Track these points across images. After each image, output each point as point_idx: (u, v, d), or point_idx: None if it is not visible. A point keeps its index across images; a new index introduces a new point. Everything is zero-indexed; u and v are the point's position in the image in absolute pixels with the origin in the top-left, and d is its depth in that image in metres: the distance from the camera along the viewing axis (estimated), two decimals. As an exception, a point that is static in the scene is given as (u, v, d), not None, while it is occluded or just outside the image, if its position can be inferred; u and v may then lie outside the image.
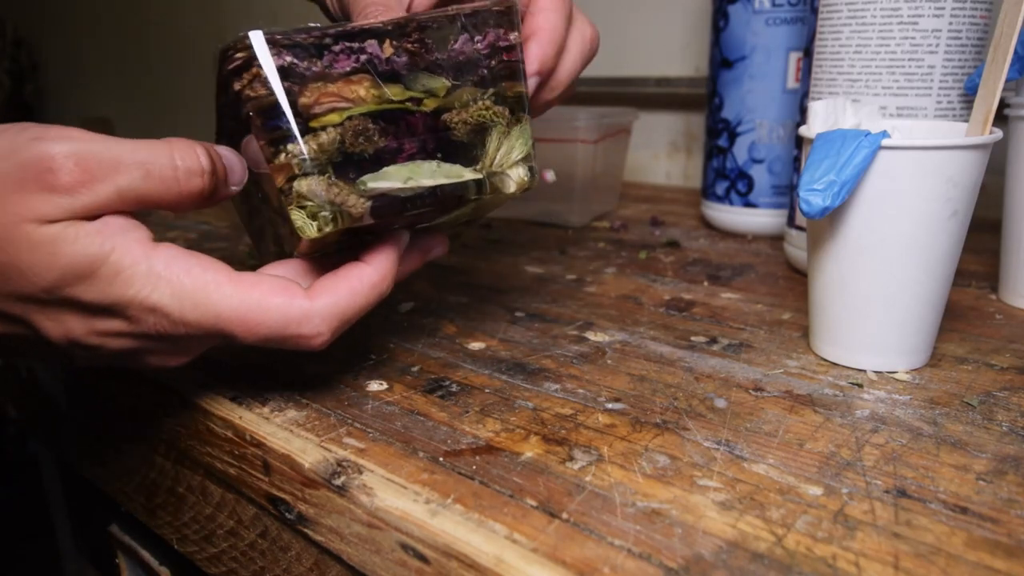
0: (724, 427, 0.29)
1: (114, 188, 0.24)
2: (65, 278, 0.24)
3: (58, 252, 0.24)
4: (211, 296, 0.25)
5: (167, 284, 0.25)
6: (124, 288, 0.25)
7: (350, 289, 0.28)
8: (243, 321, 0.26)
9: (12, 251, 0.24)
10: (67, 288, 0.24)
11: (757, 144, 0.58)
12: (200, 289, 0.25)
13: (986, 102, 0.32)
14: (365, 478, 0.26)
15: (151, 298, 0.25)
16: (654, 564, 0.21)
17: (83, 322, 0.25)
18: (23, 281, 0.24)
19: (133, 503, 0.42)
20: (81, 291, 0.24)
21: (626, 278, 0.49)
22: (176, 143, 0.26)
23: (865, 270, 0.32)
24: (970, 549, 0.22)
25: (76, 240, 0.24)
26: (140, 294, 0.25)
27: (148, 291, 0.25)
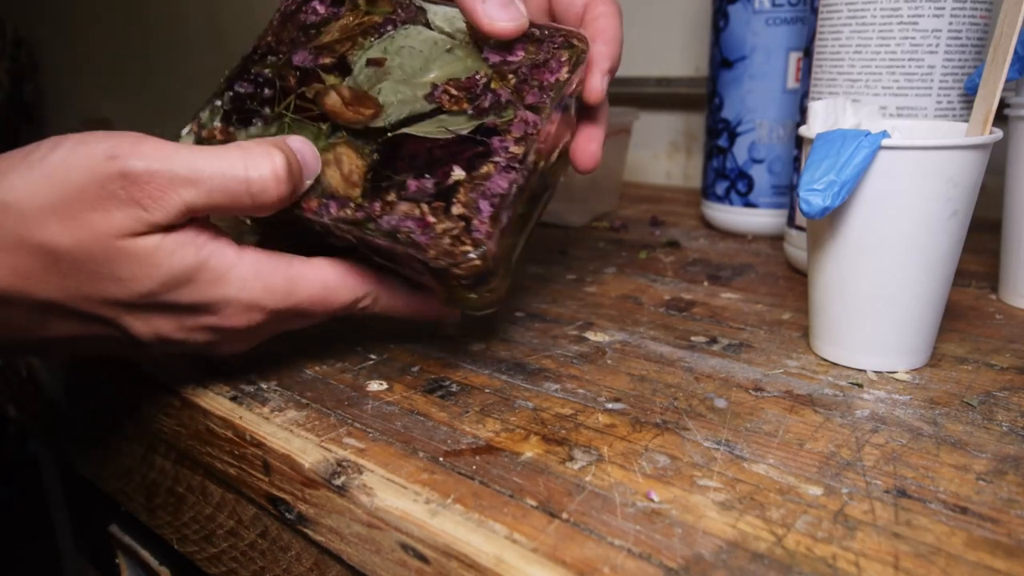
0: (724, 427, 0.29)
1: (188, 201, 0.26)
2: (166, 285, 0.26)
3: (160, 263, 0.26)
4: (299, 285, 0.29)
5: (261, 282, 0.28)
6: (225, 288, 0.27)
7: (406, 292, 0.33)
8: (324, 300, 0.30)
9: (108, 263, 0.25)
10: (166, 294, 0.26)
11: (757, 144, 0.58)
12: (291, 281, 0.29)
13: (986, 102, 0.32)
14: (365, 478, 0.26)
15: (249, 296, 0.28)
16: (654, 564, 0.21)
17: (174, 320, 0.28)
18: (120, 288, 0.26)
19: (133, 503, 0.42)
20: (181, 295, 0.27)
21: (626, 278, 0.49)
22: (252, 152, 0.27)
23: (865, 270, 0.32)
24: (970, 549, 0.22)
25: (175, 251, 0.26)
26: (240, 294, 0.27)
27: (246, 291, 0.28)
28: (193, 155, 0.26)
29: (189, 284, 0.27)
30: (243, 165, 0.26)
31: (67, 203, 0.24)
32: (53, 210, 0.24)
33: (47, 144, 0.25)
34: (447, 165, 0.30)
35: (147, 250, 0.25)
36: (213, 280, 0.27)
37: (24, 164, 0.25)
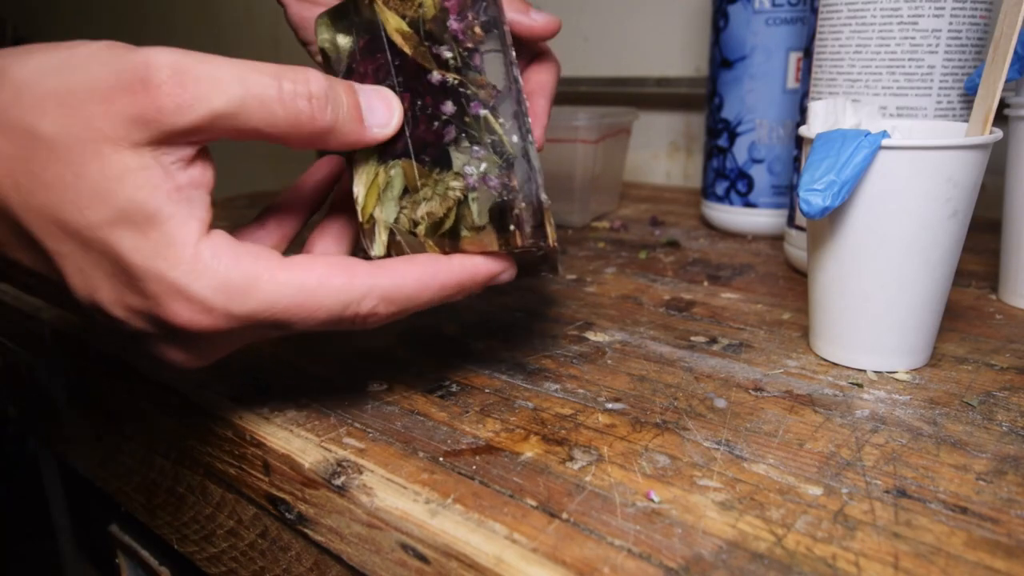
0: (724, 427, 0.29)
1: (208, 109, 0.22)
2: (115, 218, 0.22)
3: (122, 186, 0.22)
4: (264, 287, 0.23)
5: (211, 276, 0.23)
6: (165, 265, 0.22)
7: (419, 280, 0.26)
8: (301, 307, 0.24)
9: (77, 169, 0.22)
10: (112, 235, 0.22)
11: (757, 144, 0.58)
12: (252, 280, 0.23)
13: (986, 102, 0.32)
14: (365, 478, 0.26)
15: (191, 287, 0.22)
16: (654, 564, 0.21)
17: (113, 288, 0.23)
18: (71, 209, 0.22)
19: (133, 503, 0.42)
20: (125, 242, 0.22)
21: (626, 278, 0.49)
22: (289, 67, 0.24)
23: (865, 270, 0.32)
24: (970, 549, 0.22)
25: (143, 187, 0.22)
26: (181, 279, 0.22)
27: (191, 279, 0.22)
28: (223, 61, 0.23)
29: (136, 235, 0.22)
30: (278, 75, 0.23)
31: (73, 91, 0.21)
32: (56, 94, 0.21)
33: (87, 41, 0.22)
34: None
35: (121, 168, 0.22)
36: (161, 246, 0.22)
37: (51, 48, 0.22)
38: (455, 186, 0.28)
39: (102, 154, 0.21)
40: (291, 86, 0.23)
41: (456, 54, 0.28)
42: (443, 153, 0.28)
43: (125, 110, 0.21)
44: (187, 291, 0.22)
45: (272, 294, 0.23)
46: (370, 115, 0.26)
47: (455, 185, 0.28)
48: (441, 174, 0.28)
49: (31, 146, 0.21)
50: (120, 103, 0.21)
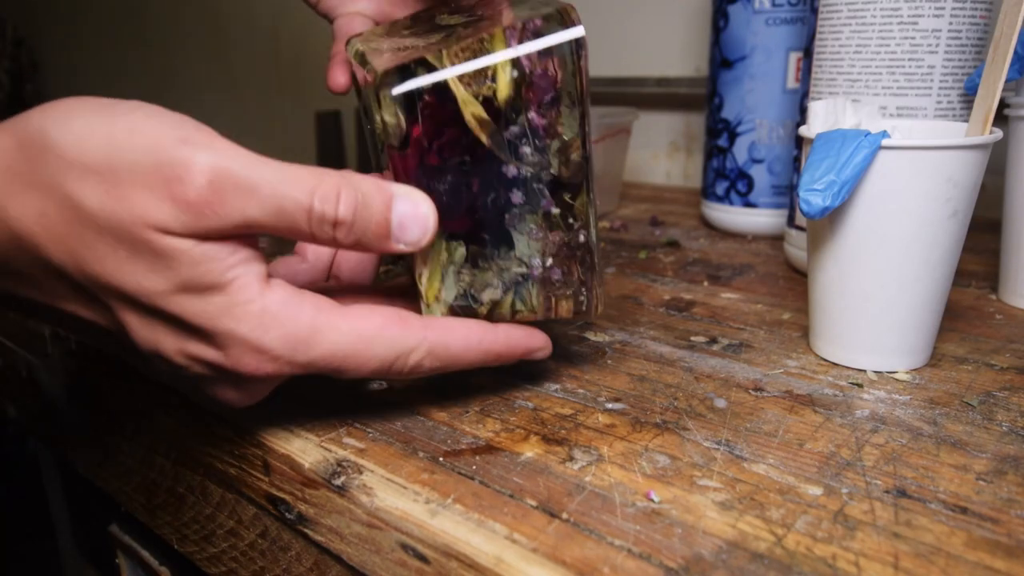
0: (724, 427, 0.29)
1: (241, 217, 0.23)
2: (176, 293, 0.23)
3: (178, 268, 0.23)
4: (326, 337, 0.25)
5: (278, 328, 0.24)
6: (234, 323, 0.24)
7: (465, 342, 0.27)
8: (357, 356, 0.25)
9: (130, 248, 0.22)
10: (174, 301, 0.23)
11: (757, 144, 0.58)
12: (314, 331, 0.25)
13: (986, 102, 0.32)
14: (365, 478, 0.26)
15: (261, 340, 0.24)
16: (654, 564, 0.21)
17: (176, 340, 0.24)
18: (129, 279, 0.23)
19: (133, 503, 0.42)
20: (187, 308, 0.23)
21: (626, 278, 0.49)
22: (324, 182, 0.24)
23: (865, 270, 0.32)
24: (970, 549, 0.22)
25: (200, 263, 0.23)
26: (251, 334, 0.24)
27: (259, 333, 0.24)
28: (265, 166, 0.23)
29: (200, 300, 0.23)
30: (311, 193, 0.24)
31: (115, 170, 0.22)
32: (99, 171, 0.22)
33: (126, 104, 0.23)
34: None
35: (173, 250, 0.23)
36: (226, 308, 0.23)
37: (92, 111, 0.23)
38: (519, 273, 0.29)
39: (150, 237, 0.22)
40: (320, 207, 0.24)
41: (532, 148, 0.27)
42: (505, 234, 0.28)
43: (165, 203, 0.22)
44: (256, 344, 0.24)
45: (332, 344, 0.25)
46: (400, 232, 0.26)
47: (519, 272, 0.29)
48: (504, 257, 0.28)
49: (78, 218, 0.22)
50: (160, 195, 0.22)
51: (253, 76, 1.45)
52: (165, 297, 0.23)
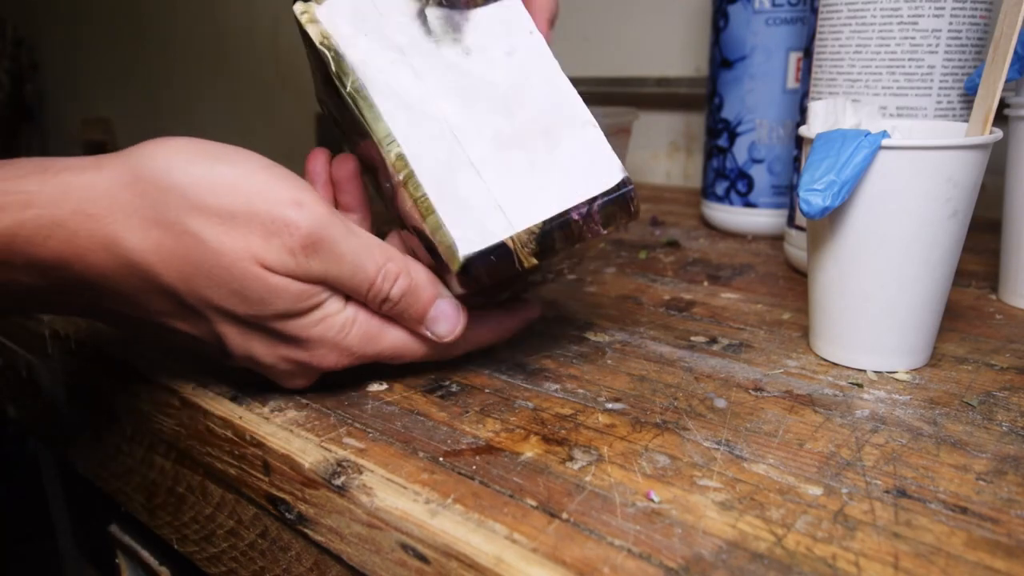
0: (724, 427, 0.29)
1: (323, 271, 0.28)
2: (280, 316, 0.28)
3: (285, 297, 0.28)
4: (386, 336, 0.31)
5: (356, 329, 0.30)
6: (326, 330, 0.29)
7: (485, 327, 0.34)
8: (408, 347, 0.31)
9: (240, 280, 0.27)
10: (276, 322, 0.28)
11: (757, 144, 0.58)
12: (379, 330, 0.30)
13: (986, 102, 0.32)
14: (365, 478, 0.26)
15: (344, 342, 0.29)
16: (654, 564, 0.21)
17: (270, 346, 0.29)
18: (238, 304, 0.27)
19: (133, 503, 0.42)
20: (287, 327, 0.28)
21: (626, 278, 0.49)
22: (392, 262, 0.30)
23: (865, 270, 0.32)
24: (970, 549, 0.22)
25: (300, 299, 0.28)
26: (336, 337, 0.29)
27: (343, 336, 0.29)
28: (351, 236, 0.28)
29: (299, 319, 0.28)
30: (379, 268, 0.29)
31: (234, 215, 0.27)
32: (219, 213, 0.26)
33: (239, 151, 0.28)
34: None
35: (279, 284, 0.27)
36: (320, 320, 0.29)
37: (214, 157, 0.27)
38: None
39: (258, 272, 0.27)
40: (380, 284, 0.29)
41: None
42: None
43: (273, 246, 0.27)
44: (341, 344, 0.30)
45: (392, 340, 0.31)
46: (432, 324, 0.31)
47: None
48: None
49: (199, 251, 0.26)
50: (270, 240, 0.27)
51: (253, 76, 1.45)
52: (270, 321, 0.28)
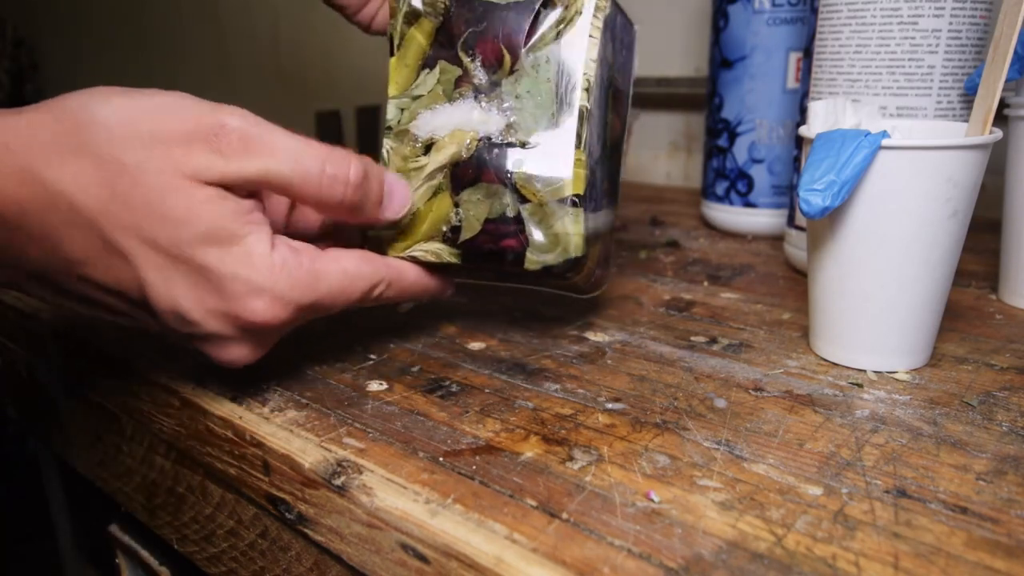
0: (724, 427, 0.29)
1: (263, 167, 0.27)
2: (202, 238, 0.26)
3: (206, 213, 0.26)
4: (324, 279, 0.29)
5: (287, 276, 0.28)
6: (251, 272, 0.27)
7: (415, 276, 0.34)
8: (343, 292, 0.30)
9: (160, 196, 0.25)
10: (199, 252, 0.26)
11: (757, 144, 0.58)
12: (314, 276, 0.29)
13: (986, 102, 0.32)
14: (365, 478, 0.26)
15: (273, 287, 0.27)
16: (654, 564, 0.21)
17: (195, 294, 0.27)
18: (160, 228, 0.26)
19: (133, 503, 0.42)
20: (210, 258, 0.26)
21: (626, 278, 0.49)
22: (335, 152, 0.28)
23: (865, 270, 0.32)
24: (970, 549, 0.22)
25: (224, 211, 0.26)
26: (263, 282, 0.27)
27: (270, 282, 0.27)
28: (282, 134, 0.27)
29: (220, 251, 0.26)
30: (322, 158, 0.28)
31: (156, 134, 0.25)
32: (140, 136, 0.25)
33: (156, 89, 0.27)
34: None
35: (201, 197, 0.26)
36: (243, 259, 0.27)
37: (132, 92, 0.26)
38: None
39: (182, 186, 0.26)
40: (332, 170, 0.28)
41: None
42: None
43: (199, 152, 0.26)
44: (270, 290, 0.27)
45: (328, 285, 0.29)
46: (388, 200, 0.31)
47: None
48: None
49: (119, 175, 0.25)
50: (196, 147, 0.26)
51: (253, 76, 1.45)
52: (191, 247, 0.26)
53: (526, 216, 0.32)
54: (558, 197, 0.32)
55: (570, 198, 0.32)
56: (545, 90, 0.33)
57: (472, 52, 0.33)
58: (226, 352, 0.29)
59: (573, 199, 0.32)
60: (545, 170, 0.32)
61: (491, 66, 0.33)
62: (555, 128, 0.32)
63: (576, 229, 0.32)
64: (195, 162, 0.26)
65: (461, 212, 0.33)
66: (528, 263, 0.32)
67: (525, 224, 0.32)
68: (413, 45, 0.34)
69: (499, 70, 0.33)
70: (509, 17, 0.33)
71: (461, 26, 0.33)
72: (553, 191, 0.32)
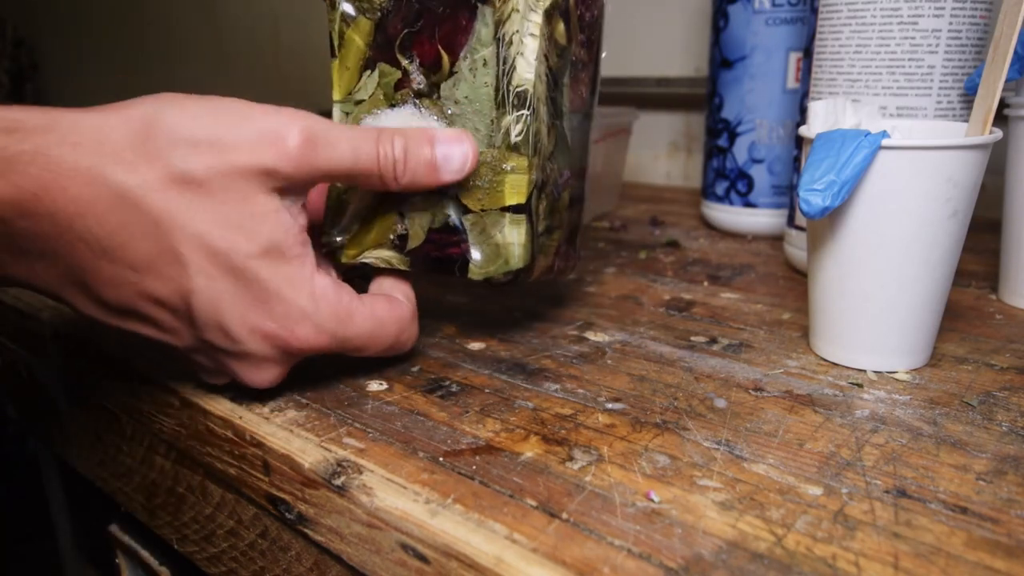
0: (724, 427, 0.29)
1: (328, 161, 0.27)
2: (260, 253, 0.27)
3: (264, 228, 0.27)
4: (359, 318, 0.30)
5: (328, 305, 0.28)
6: (295, 293, 0.28)
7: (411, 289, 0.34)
8: (376, 335, 0.30)
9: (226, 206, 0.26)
10: (256, 261, 0.27)
11: (757, 144, 0.58)
12: (352, 311, 0.29)
13: (986, 102, 0.32)
14: (365, 478, 0.26)
15: (314, 314, 0.28)
16: (654, 564, 0.21)
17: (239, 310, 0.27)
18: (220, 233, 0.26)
19: (133, 503, 0.42)
20: (264, 272, 0.27)
21: (626, 278, 0.49)
22: (383, 131, 0.29)
23: (865, 270, 0.32)
24: (970, 549, 0.22)
25: (280, 228, 0.27)
26: (306, 306, 0.28)
27: (313, 307, 0.28)
28: (339, 126, 0.28)
29: (274, 267, 0.27)
30: (374, 138, 0.29)
31: (223, 140, 0.26)
32: (207, 142, 0.26)
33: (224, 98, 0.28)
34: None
35: (266, 207, 0.27)
36: (291, 279, 0.27)
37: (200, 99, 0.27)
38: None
39: (246, 195, 0.26)
40: (385, 151, 0.29)
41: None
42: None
43: (265, 160, 0.26)
44: (310, 316, 0.28)
45: (362, 325, 0.30)
46: (445, 163, 0.31)
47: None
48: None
49: (187, 182, 0.26)
50: (261, 154, 0.26)
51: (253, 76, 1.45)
52: (249, 259, 0.27)
53: (467, 226, 0.32)
54: (498, 206, 0.31)
55: (511, 207, 0.31)
56: (484, 95, 0.31)
57: (409, 54, 0.32)
58: (258, 373, 0.29)
59: (515, 207, 0.31)
60: (485, 178, 0.31)
61: (429, 67, 0.32)
62: (496, 134, 0.31)
63: (518, 239, 0.31)
64: (260, 168, 0.26)
65: (406, 221, 0.33)
66: (471, 273, 0.32)
67: (466, 234, 0.32)
68: (352, 47, 0.33)
69: (438, 72, 0.32)
70: (445, 16, 0.31)
71: (398, 25, 0.32)
72: (493, 199, 0.31)
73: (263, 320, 0.27)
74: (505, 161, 0.31)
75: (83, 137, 0.25)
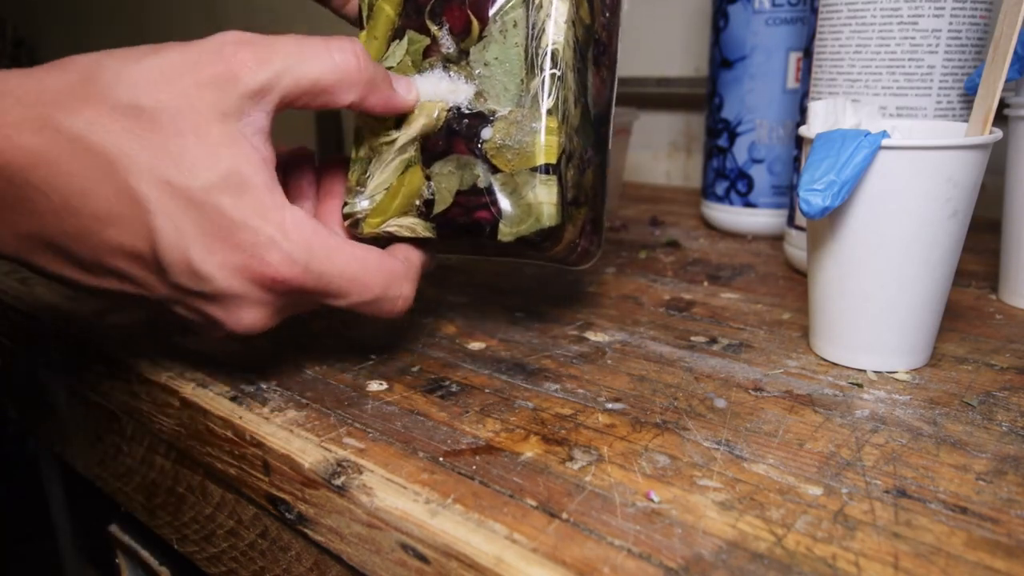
0: (724, 427, 0.29)
1: (278, 69, 0.27)
2: (218, 184, 0.26)
3: (221, 158, 0.26)
4: (339, 255, 0.28)
5: (298, 235, 0.27)
6: (262, 222, 0.26)
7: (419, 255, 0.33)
8: (359, 281, 0.29)
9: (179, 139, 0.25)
10: (215, 193, 0.26)
11: (757, 144, 0.58)
12: (330, 248, 0.28)
13: (986, 102, 0.32)
14: (365, 478, 0.26)
15: (283, 242, 0.26)
16: (654, 564, 0.21)
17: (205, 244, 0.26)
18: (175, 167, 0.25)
19: (133, 503, 0.42)
20: (225, 201, 0.26)
21: (626, 278, 0.49)
22: (332, 38, 0.28)
23: (865, 270, 0.32)
24: (970, 549, 0.22)
25: (238, 156, 0.26)
26: (274, 234, 0.26)
27: (281, 235, 0.26)
28: (281, 37, 0.27)
29: (235, 198, 0.26)
30: (324, 42, 0.28)
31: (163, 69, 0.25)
32: (150, 75, 0.25)
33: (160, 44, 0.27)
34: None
35: (221, 135, 0.26)
36: (258, 207, 0.26)
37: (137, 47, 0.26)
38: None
39: (199, 126, 0.25)
40: (338, 43, 0.28)
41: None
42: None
43: (209, 78, 0.26)
44: (280, 244, 0.26)
45: (343, 264, 0.28)
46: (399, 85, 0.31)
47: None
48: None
49: (135, 118, 0.25)
50: (204, 73, 0.26)
51: (253, 76, 1.45)
52: (207, 191, 0.25)
53: (497, 187, 0.31)
54: (529, 166, 0.31)
55: (542, 166, 0.31)
56: (514, 55, 0.32)
57: (439, 20, 0.32)
58: (242, 315, 0.28)
59: (545, 167, 0.31)
60: (515, 138, 0.31)
61: (459, 34, 0.32)
62: (526, 95, 0.31)
63: (549, 198, 0.31)
64: (207, 90, 0.25)
65: (433, 185, 0.32)
66: (501, 235, 0.32)
67: (496, 195, 0.32)
68: (382, 17, 0.33)
69: (467, 37, 0.32)
70: None
71: None
72: (524, 160, 0.31)
73: (230, 252, 0.26)
74: (535, 120, 0.31)
75: (25, 92, 0.25)
